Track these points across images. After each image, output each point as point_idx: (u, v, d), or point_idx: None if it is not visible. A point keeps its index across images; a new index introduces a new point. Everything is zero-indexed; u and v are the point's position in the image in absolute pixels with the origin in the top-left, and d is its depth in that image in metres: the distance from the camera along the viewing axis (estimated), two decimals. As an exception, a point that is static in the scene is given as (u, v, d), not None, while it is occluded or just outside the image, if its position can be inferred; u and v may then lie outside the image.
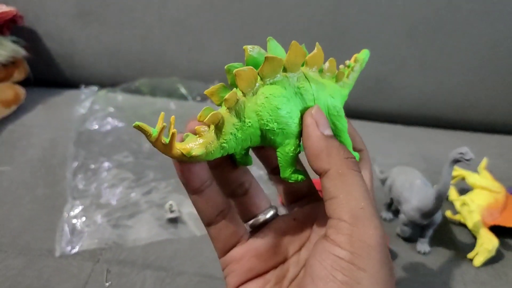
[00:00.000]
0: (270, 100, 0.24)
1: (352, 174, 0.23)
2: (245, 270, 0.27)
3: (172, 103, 0.81)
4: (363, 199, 0.22)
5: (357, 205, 0.22)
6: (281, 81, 0.24)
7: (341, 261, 0.21)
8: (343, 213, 0.22)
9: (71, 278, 0.46)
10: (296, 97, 0.25)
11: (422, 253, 0.53)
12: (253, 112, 0.24)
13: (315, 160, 0.24)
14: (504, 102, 0.82)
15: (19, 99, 0.76)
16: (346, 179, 0.23)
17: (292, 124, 0.24)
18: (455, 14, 0.75)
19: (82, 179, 0.59)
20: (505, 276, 0.51)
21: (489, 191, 0.57)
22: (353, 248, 0.21)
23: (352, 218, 0.22)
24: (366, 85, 0.83)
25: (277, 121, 0.24)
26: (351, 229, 0.22)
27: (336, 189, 0.23)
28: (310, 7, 0.77)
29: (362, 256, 0.21)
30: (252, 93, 0.24)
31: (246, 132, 0.24)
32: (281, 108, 0.24)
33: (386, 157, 0.71)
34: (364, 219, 0.22)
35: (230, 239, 0.28)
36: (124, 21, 0.82)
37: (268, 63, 0.23)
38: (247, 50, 0.24)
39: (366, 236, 0.21)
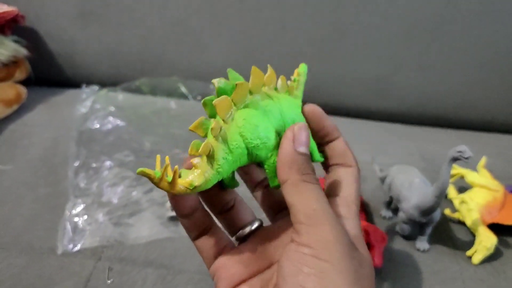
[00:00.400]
0: (248, 121, 0.26)
1: (305, 184, 0.25)
2: (231, 275, 0.29)
3: (173, 102, 0.81)
4: (315, 203, 0.25)
5: (309, 208, 0.24)
6: (251, 103, 0.27)
7: (306, 256, 0.23)
8: (300, 217, 0.24)
9: (73, 275, 0.47)
10: (266, 114, 0.27)
11: (421, 251, 0.53)
12: (237, 134, 0.26)
13: (279, 171, 0.26)
14: (503, 101, 0.82)
15: (20, 99, 0.77)
16: (299, 188, 0.25)
17: (271, 137, 0.27)
18: (454, 14, 0.76)
19: (83, 178, 0.60)
20: (504, 274, 0.51)
21: (488, 189, 0.57)
22: (314, 243, 0.23)
23: (307, 219, 0.24)
24: (365, 85, 0.84)
25: (258, 137, 0.26)
26: (308, 229, 0.24)
27: (291, 197, 0.25)
28: (310, 8, 0.77)
29: (323, 249, 0.23)
30: (231, 119, 0.26)
31: (235, 153, 0.26)
32: (259, 125, 0.26)
33: (386, 156, 0.71)
34: (318, 218, 0.24)
35: (215, 248, 0.30)
36: (125, 21, 0.82)
37: (238, 89, 0.26)
38: (215, 83, 0.26)
39: (323, 232, 0.24)
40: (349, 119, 0.85)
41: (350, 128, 0.81)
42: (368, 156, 0.67)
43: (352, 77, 0.83)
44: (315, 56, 0.82)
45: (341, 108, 0.85)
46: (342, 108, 0.85)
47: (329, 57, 0.81)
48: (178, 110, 0.80)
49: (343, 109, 0.85)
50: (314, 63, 0.82)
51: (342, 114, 0.85)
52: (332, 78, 0.83)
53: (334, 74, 0.83)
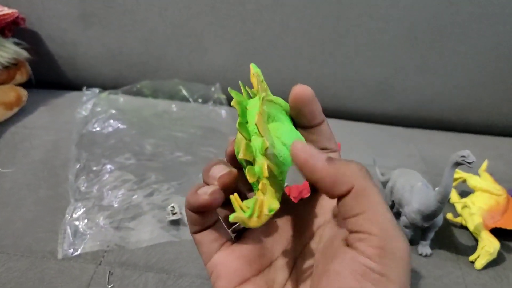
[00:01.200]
0: (281, 129, 0.27)
1: (373, 189, 0.23)
2: (231, 273, 0.27)
3: (174, 105, 0.81)
4: (388, 213, 0.23)
5: (385, 219, 0.22)
6: (270, 113, 0.27)
7: (372, 272, 0.22)
8: (373, 228, 0.22)
9: (73, 280, 0.47)
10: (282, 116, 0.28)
11: (423, 256, 0.53)
12: (281, 145, 0.26)
13: (334, 188, 0.24)
14: (504, 104, 0.82)
15: (21, 101, 0.76)
16: (369, 195, 0.23)
17: (301, 136, 0.28)
18: (455, 17, 0.75)
19: (84, 181, 0.60)
20: (507, 279, 0.51)
21: (490, 193, 0.57)
22: (385, 260, 0.22)
23: (382, 232, 0.22)
24: (367, 88, 0.83)
25: (295, 139, 0.27)
26: (382, 243, 0.22)
27: (361, 205, 0.23)
28: (311, 10, 0.77)
29: (393, 269, 0.22)
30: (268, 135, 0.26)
31: (286, 163, 0.26)
32: (288, 129, 0.27)
33: (387, 159, 0.71)
34: (393, 232, 0.22)
35: (214, 243, 0.28)
36: (126, 24, 0.82)
37: (262, 104, 0.26)
38: (234, 104, 0.26)
39: (396, 249, 0.22)
40: (350, 122, 0.85)
41: (351, 131, 0.81)
42: (369, 159, 0.67)
43: (353, 80, 0.83)
44: (316, 59, 0.81)
45: (342, 111, 0.85)
46: (343, 111, 0.85)
47: (330, 60, 0.81)
48: (180, 113, 0.80)
49: (344, 112, 0.85)
50: (315, 66, 0.82)
51: (343, 117, 0.84)
52: (333, 81, 0.83)
53: (335, 77, 0.83)
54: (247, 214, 0.23)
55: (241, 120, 0.26)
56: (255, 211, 0.24)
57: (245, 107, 0.27)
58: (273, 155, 0.25)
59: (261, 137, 0.25)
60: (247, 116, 0.27)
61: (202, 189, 0.26)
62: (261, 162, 0.25)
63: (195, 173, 0.63)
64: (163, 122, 0.76)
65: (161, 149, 0.68)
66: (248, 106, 0.27)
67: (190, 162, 0.66)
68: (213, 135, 0.74)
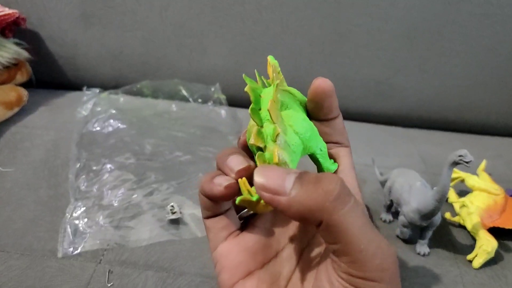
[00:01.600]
0: (294, 117, 0.27)
1: (344, 217, 0.22)
2: (235, 265, 0.27)
3: (174, 105, 0.82)
4: (362, 241, 0.22)
5: (355, 250, 0.22)
6: (284, 101, 0.28)
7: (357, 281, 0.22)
8: (343, 259, 0.22)
9: (73, 278, 0.47)
10: (296, 106, 0.29)
11: (421, 255, 0.53)
12: (293, 133, 0.26)
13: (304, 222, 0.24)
14: (503, 104, 0.82)
15: (21, 101, 0.77)
16: (339, 226, 0.22)
17: (314, 126, 0.28)
18: (455, 17, 0.76)
19: (84, 181, 0.60)
20: (504, 278, 0.51)
21: (488, 193, 0.57)
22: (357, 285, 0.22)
23: (352, 263, 0.22)
24: (366, 87, 0.84)
25: (307, 129, 0.27)
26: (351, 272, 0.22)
27: (333, 238, 0.22)
28: (311, 10, 0.78)
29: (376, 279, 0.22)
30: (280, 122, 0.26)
31: (297, 151, 0.26)
32: (302, 118, 0.28)
33: (386, 159, 0.71)
34: (364, 261, 0.21)
35: (223, 231, 0.28)
36: (126, 24, 0.82)
37: (276, 90, 0.26)
38: (248, 90, 0.26)
39: (368, 275, 0.21)
40: (350, 121, 0.85)
41: (350, 130, 0.80)
42: (368, 158, 0.67)
43: (352, 79, 0.83)
44: (315, 59, 0.82)
45: (341, 110, 0.84)
46: (342, 110, 0.84)
47: (330, 60, 0.82)
48: (180, 113, 0.80)
49: (343, 111, 0.83)
50: (314, 65, 0.82)
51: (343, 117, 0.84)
52: (333, 80, 0.81)
53: (335, 77, 0.83)
54: (255, 198, 0.23)
55: (253, 106, 0.26)
56: None
57: (259, 95, 0.27)
58: (285, 143, 0.25)
59: (273, 123, 0.25)
60: (260, 103, 0.26)
61: (218, 179, 0.26)
62: (272, 148, 0.24)
63: (195, 172, 0.64)
64: (163, 122, 0.77)
65: (161, 148, 0.69)
66: (262, 94, 0.27)
67: (190, 162, 0.66)
68: (212, 135, 0.74)
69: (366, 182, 0.65)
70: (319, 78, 0.28)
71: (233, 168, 0.26)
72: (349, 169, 0.29)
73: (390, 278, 0.22)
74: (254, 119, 0.26)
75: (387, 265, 0.22)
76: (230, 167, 0.26)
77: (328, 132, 0.29)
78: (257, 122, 0.26)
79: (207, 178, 0.26)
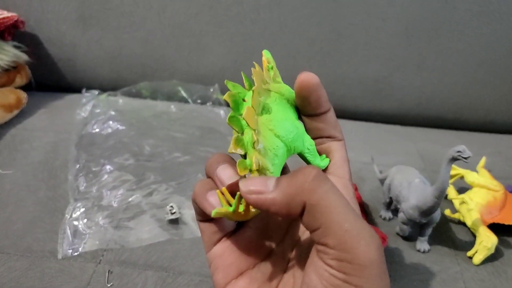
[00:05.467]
0: (275, 120, 0.27)
1: (326, 199, 0.22)
2: (227, 266, 0.28)
3: (173, 106, 0.82)
4: (345, 220, 0.22)
5: (340, 230, 0.22)
6: (266, 104, 0.27)
7: (336, 279, 0.22)
8: (329, 241, 0.22)
9: (73, 279, 0.47)
10: (280, 106, 0.28)
11: (421, 252, 0.53)
12: (273, 137, 0.26)
13: (290, 214, 0.23)
14: (502, 101, 0.82)
15: (20, 104, 0.77)
16: (322, 207, 0.22)
17: (298, 125, 0.28)
18: (452, 15, 0.76)
19: (83, 182, 0.60)
20: (505, 274, 0.51)
21: (488, 189, 0.57)
22: (345, 270, 0.21)
23: (338, 245, 0.22)
24: (364, 86, 0.84)
25: (290, 130, 0.27)
26: (339, 255, 0.22)
27: (316, 221, 0.22)
28: (308, 9, 0.78)
29: (355, 276, 0.21)
30: (258, 126, 0.26)
31: (279, 155, 0.26)
32: (285, 119, 0.27)
33: (385, 157, 0.71)
34: (351, 241, 0.21)
35: (215, 235, 0.29)
36: (124, 25, 0.83)
37: (254, 95, 0.26)
38: (227, 98, 0.26)
39: (356, 258, 0.21)
40: (348, 120, 0.85)
41: (349, 129, 0.81)
42: (367, 157, 0.67)
43: (350, 78, 0.83)
44: (313, 57, 0.82)
45: (339, 109, 0.85)
46: (340, 109, 0.85)
47: (328, 58, 0.82)
48: (178, 114, 0.80)
49: (342, 110, 0.85)
50: (312, 64, 0.82)
51: (341, 116, 0.84)
52: (331, 79, 0.83)
53: (333, 75, 0.83)
54: (231, 209, 0.23)
55: (231, 114, 0.26)
56: (239, 206, 0.24)
57: (243, 99, 0.27)
58: (263, 148, 0.25)
59: (251, 130, 0.25)
60: (242, 108, 0.27)
61: (211, 198, 0.26)
62: (251, 155, 0.25)
63: (194, 173, 0.64)
64: (162, 122, 0.77)
65: (160, 149, 0.69)
66: (246, 97, 0.27)
67: (189, 162, 0.66)
68: (211, 136, 0.74)
69: (365, 180, 0.65)
70: (303, 72, 0.27)
71: (223, 181, 0.26)
72: (341, 163, 0.29)
73: (377, 264, 0.22)
74: (233, 127, 0.26)
75: (371, 249, 0.22)
76: (220, 180, 0.26)
77: (320, 127, 0.29)
78: (237, 129, 0.26)
79: (201, 190, 0.27)
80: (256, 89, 0.26)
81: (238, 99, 0.27)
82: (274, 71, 0.31)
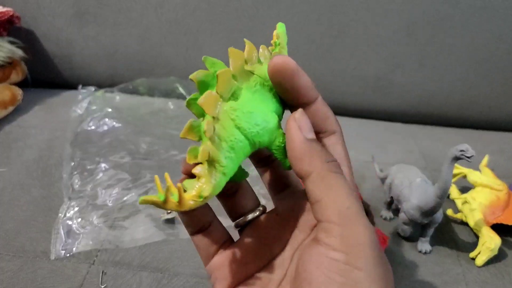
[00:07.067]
0: (241, 110, 0.24)
1: (334, 176, 0.23)
2: (227, 276, 0.27)
3: (170, 103, 0.81)
4: (348, 199, 0.22)
5: (343, 205, 0.22)
6: (238, 90, 0.24)
7: (337, 263, 0.21)
8: (331, 215, 0.22)
9: (66, 280, 0.46)
10: (257, 95, 0.25)
11: (423, 253, 0.52)
12: (233, 128, 0.24)
13: (298, 163, 0.24)
14: (505, 99, 0.81)
15: (15, 100, 0.76)
16: (328, 181, 0.23)
17: (270, 120, 0.25)
18: (454, 11, 0.74)
19: (78, 180, 0.59)
20: (508, 276, 0.50)
21: (491, 189, 0.56)
22: (347, 248, 0.21)
23: (340, 219, 0.22)
24: (365, 83, 0.82)
25: (256, 124, 0.24)
26: (342, 230, 0.21)
27: (320, 191, 0.23)
28: (308, 6, 0.76)
29: (357, 255, 0.21)
30: (221, 113, 0.23)
31: (236, 148, 0.24)
32: (254, 111, 0.24)
33: (386, 155, 0.70)
34: (352, 218, 0.22)
35: (213, 246, 0.28)
36: (121, 22, 0.81)
37: (220, 79, 0.23)
38: (194, 78, 0.23)
39: (357, 235, 0.21)
40: (349, 118, 0.84)
41: (349, 127, 0.79)
42: (368, 155, 0.66)
43: (351, 75, 0.82)
44: (314, 54, 0.81)
45: (340, 107, 0.84)
46: (341, 107, 0.84)
47: (328, 55, 0.80)
48: (176, 111, 0.79)
49: (342, 108, 0.84)
50: (313, 61, 0.81)
51: (341, 113, 0.83)
52: (331, 76, 0.82)
53: (333, 73, 0.82)
54: (161, 198, 0.21)
55: (192, 96, 0.24)
56: (173, 194, 0.21)
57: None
58: (219, 139, 0.23)
59: (208, 117, 0.23)
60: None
61: None
62: (203, 145, 0.22)
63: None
64: (159, 120, 0.76)
65: (156, 147, 0.68)
66: None
67: (186, 160, 0.65)
68: (209, 133, 0.73)
69: (365, 179, 0.64)
70: (276, 56, 0.24)
71: None
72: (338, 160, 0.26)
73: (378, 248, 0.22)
74: (192, 111, 0.24)
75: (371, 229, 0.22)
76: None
77: None
78: (196, 114, 0.24)
79: None
80: (223, 73, 0.23)
81: (208, 79, 0.24)
82: (279, 48, 0.28)
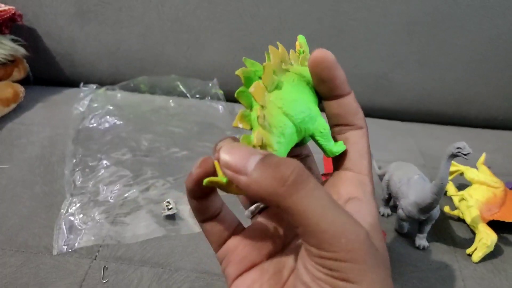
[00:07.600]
0: (286, 98, 0.26)
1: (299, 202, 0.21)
2: (241, 259, 0.27)
3: (171, 101, 0.81)
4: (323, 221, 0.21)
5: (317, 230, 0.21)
6: (279, 82, 0.26)
7: (320, 274, 0.21)
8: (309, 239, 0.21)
9: (68, 275, 0.46)
10: (297, 86, 0.27)
11: (420, 249, 0.53)
12: (281, 115, 0.25)
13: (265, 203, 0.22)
14: (502, 98, 0.82)
15: (18, 98, 0.76)
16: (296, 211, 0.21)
17: (311, 107, 0.26)
18: (454, 10, 0.75)
19: (80, 177, 0.59)
20: (504, 272, 0.50)
21: (487, 186, 0.57)
22: (329, 266, 0.21)
23: (318, 244, 0.21)
24: (365, 82, 0.83)
25: (302, 110, 0.26)
26: (319, 253, 0.21)
27: (293, 221, 0.21)
28: (308, 4, 0.77)
29: (340, 271, 0.21)
30: (266, 103, 0.25)
31: (286, 134, 0.25)
32: (297, 99, 0.26)
33: (384, 153, 0.70)
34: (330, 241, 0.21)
35: (225, 233, 0.28)
36: (123, 20, 0.82)
37: (266, 71, 0.25)
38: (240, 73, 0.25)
39: (337, 256, 0.21)
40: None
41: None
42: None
43: (351, 74, 0.82)
44: (314, 53, 0.81)
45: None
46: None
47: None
48: (177, 109, 0.79)
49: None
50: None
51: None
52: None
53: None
54: (224, 180, 0.22)
55: (241, 89, 0.25)
56: None
57: (259, 77, 0.26)
58: (269, 125, 0.24)
59: (258, 105, 0.24)
60: None
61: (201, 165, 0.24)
62: (257, 131, 0.24)
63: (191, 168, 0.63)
64: (160, 117, 0.76)
65: (157, 144, 0.68)
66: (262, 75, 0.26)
67: (187, 158, 0.66)
68: (210, 131, 0.74)
69: (364, 177, 0.65)
70: (317, 49, 0.25)
71: (217, 148, 0.24)
72: (359, 156, 0.26)
73: (363, 259, 0.21)
74: (241, 102, 0.25)
75: (353, 245, 0.21)
76: (216, 148, 0.25)
77: (338, 112, 0.27)
78: (245, 105, 0.25)
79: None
80: (268, 65, 0.25)
81: (251, 75, 0.26)
82: (303, 56, 0.30)
